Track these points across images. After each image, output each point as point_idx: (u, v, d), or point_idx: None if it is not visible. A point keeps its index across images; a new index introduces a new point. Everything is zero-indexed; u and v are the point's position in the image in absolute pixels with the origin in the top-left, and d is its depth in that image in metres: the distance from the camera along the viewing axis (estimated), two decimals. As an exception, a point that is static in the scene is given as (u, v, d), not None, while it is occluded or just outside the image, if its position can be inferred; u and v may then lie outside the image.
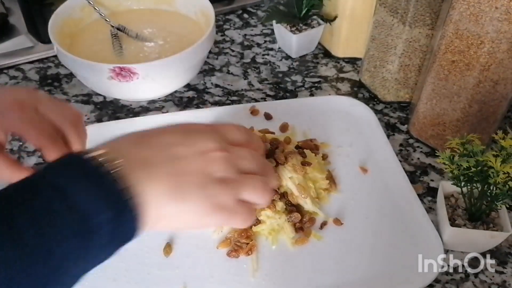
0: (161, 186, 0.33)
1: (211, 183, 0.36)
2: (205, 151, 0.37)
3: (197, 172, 0.36)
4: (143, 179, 0.32)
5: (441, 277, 0.50)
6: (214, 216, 0.36)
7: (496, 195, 0.47)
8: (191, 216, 0.35)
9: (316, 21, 0.76)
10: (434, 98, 0.58)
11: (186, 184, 0.35)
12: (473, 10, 0.49)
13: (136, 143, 0.36)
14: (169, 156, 0.35)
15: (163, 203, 0.33)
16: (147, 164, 0.33)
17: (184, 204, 0.34)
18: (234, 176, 0.37)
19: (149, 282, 0.48)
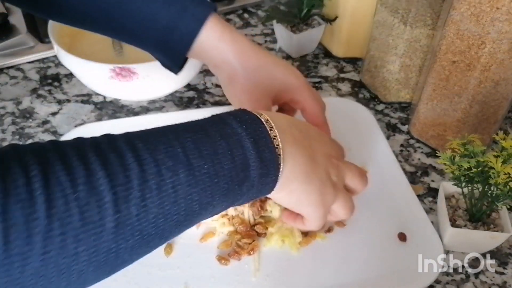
0: (298, 166, 0.38)
1: (328, 182, 0.41)
2: (330, 155, 0.43)
3: (323, 168, 0.41)
4: (288, 154, 0.37)
5: (441, 277, 0.50)
6: (317, 209, 0.42)
7: (496, 195, 0.47)
8: (305, 199, 0.41)
9: (316, 21, 0.76)
10: (434, 98, 0.58)
11: (314, 173, 0.40)
12: (474, 11, 0.49)
13: (290, 123, 0.40)
14: (309, 144, 0.41)
15: (293, 178, 0.38)
16: (296, 142, 0.39)
17: (307, 186, 0.40)
18: (340, 185, 0.43)
19: (150, 282, 0.48)
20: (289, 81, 0.49)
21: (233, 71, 0.48)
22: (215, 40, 0.47)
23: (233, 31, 0.48)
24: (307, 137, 0.41)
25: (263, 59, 0.48)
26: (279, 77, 0.48)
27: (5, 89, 0.70)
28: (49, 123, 0.66)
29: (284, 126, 0.38)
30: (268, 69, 0.48)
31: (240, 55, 0.47)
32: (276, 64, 0.49)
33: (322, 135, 0.45)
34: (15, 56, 0.74)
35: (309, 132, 0.42)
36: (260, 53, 0.48)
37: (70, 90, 0.71)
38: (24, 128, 0.65)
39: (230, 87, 0.49)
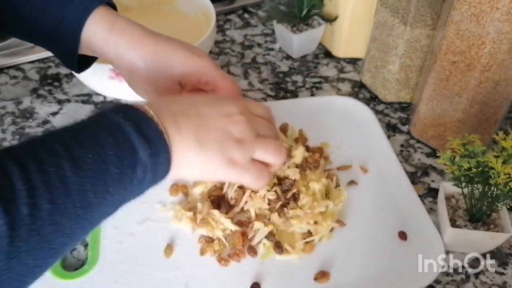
0: (186, 137, 0.38)
1: (229, 141, 0.41)
2: (228, 114, 0.42)
3: (219, 129, 0.40)
4: (171, 128, 0.37)
5: (441, 278, 0.50)
6: (228, 171, 0.41)
7: (497, 196, 0.47)
8: (208, 166, 0.40)
9: (317, 21, 0.76)
10: (435, 98, 0.58)
11: (207, 138, 0.40)
12: (474, 11, 0.49)
13: (169, 101, 0.41)
14: (195, 113, 0.40)
15: (186, 151, 0.38)
16: (176, 117, 0.38)
17: (204, 154, 0.39)
18: (250, 138, 0.42)
19: (150, 283, 0.48)
20: (191, 63, 0.47)
21: (131, 64, 0.46)
22: (103, 33, 0.45)
23: (125, 23, 0.46)
24: (192, 106, 0.41)
25: (160, 45, 0.47)
26: (180, 60, 0.47)
27: (5, 89, 0.70)
28: (49, 123, 0.66)
29: (160, 106, 0.38)
30: (166, 54, 0.47)
31: (133, 45, 0.46)
32: (176, 48, 0.47)
33: (216, 98, 0.44)
34: (16, 56, 0.74)
35: (193, 101, 0.42)
36: (157, 40, 0.47)
37: (70, 90, 0.71)
38: (24, 128, 0.65)
39: (132, 80, 0.48)
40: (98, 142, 0.33)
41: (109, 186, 0.33)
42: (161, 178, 0.37)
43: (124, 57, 0.46)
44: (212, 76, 0.48)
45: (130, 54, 0.46)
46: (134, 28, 0.47)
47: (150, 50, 0.46)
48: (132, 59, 0.46)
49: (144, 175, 0.35)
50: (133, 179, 0.34)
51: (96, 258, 0.49)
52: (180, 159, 0.37)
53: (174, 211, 0.53)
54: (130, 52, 0.46)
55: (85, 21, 0.45)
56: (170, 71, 0.46)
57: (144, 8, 0.76)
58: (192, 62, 0.47)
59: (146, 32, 0.47)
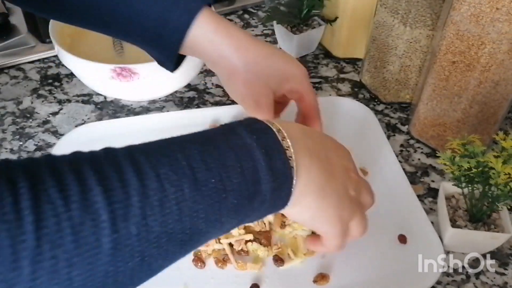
0: (313, 179, 0.36)
1: (346, 196, 0.38)
2: (348, 169, 0.40)
3: (340, 181, 0.38)
4: (302, 167, 0.35)
5: (441, 278, 0.50)
6: (334, 226, 0.38)
7: (497, 196, 0.47)
8: (320, 215, 0.38)
9: (316, 21, 0.76)
10: (434, 98, 0.58)
11: (331, 187, 0.37)
12: (474, 11, 0.49)
13: (305, 134, 0.38)
14: (325, 156, 0.38)
15: (307, 193, 0.36)
16: (311, 155, 0.36)
17: (322, 201, 0.37)
18: (357, 201, 0.40)
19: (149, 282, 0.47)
20: (290, 71, 0.48)
21: (232, 66, 0.46)
22: (209, 34, 0.45)
23: (228, 25, 0.46)
24: (323, 148, 0.38)
25: (261, 50, 0.47)
26: (279, 67, 0.47)
27: (6, 89, 0.70)
28: (49, 123, 0.66)
29: (297, 136, 0.36)
30: (268, 60, 0.47)
31: (237, 48, 0.46)
32: (275, 54, 0.48)
33: (339, 147, 0.42)
34: (16, 56, 0.74)
35: (325, 143, 0.40)
36: (259, 45, 0.47)
37: (70, 90, 0.71)
38: (24, 128, 0.65)
39: (231, 82, 0.48)
40: (225, 166, 0.31)
41: (222, 216, 0.31)
42: (274, 211, 0.35)
43: (227, 58, 0.46)
44: (304, 87, 0.48)
45: (233, 56, 0.46)
46: (237, 31, 0.46)
47: (252, 54, 0.46)
48: (234, 62, 0.46)
49: (260, 207, 0.33)
50: (248, 210, 0.32)
51: (95, 257, 0.49)
52: (299, 198, 0.35)
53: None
54: (233, 54, 0.46)
55: (192, 23, 0.45)
56: (269, 76, 0.47)
57: (144, 9, 0.76)
58: (290, 70, 0.48)
59: (249, 37, 0.47)
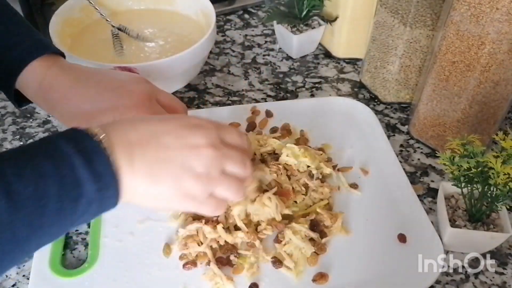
0: (137, 170, 0.37)
1: (187, 176, 0.39)
2: (194, 145, 0.39)
3: (177, 163, 0.39)
4: (123, 161, 0.36)
5: (441, 278, 0.50)
6: (182, 204, 0.40)
7: (496, 196, 0.47)
8: (161, 199, 0.39)
9: (316, 21, 0.76)
10: (434, 99, 0.58)
11: (162, 172, 0.38)
12: (474, 11, 0.49)
13: (130, 127, 0.39)
14: (155, 144, 0.38)
15: (137, 184, 0.37)
16: (131, 148, 0.37)
17: (156, 188, 0.38)
18: (213, 174, 0.40)
19: (149, 282, 0.48)
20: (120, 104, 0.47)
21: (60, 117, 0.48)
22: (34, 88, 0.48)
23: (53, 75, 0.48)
24: (154, 135, 0.38)
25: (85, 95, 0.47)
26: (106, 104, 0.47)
27: (6, 89, 0.70)
28: (49, 123, 0.66)
29: (118, 132, 0.37)
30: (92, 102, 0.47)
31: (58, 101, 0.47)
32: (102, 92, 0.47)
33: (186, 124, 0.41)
34: (16, 56, 0.74)
35: (160, 129, 0.39)
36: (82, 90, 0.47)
37: (70, 90, 0.71)
38: (24, 128, 0.65)
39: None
40: (41, 175, 0.32)
41: (45, 221, 0.32)
42: (108, 209, 0.36)
43: (54, 111, 0.48)
44: (144, 114, 0.47)
45: (56, 110, 0.48)
46: (61, 82, 0.47)
47: (76, 104, 0.47)
48: (61, 114, 0.48)
49: (88, 208, 0.34)
50: (75, 212, 0.34)
51: (96, 256, 0.49)
52: (130, 191, 0.36)
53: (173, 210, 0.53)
54: (56, 107, 0.48)
55: (18, 76, 0.47)
56: (100, 117, 0.46)
57: (144, 8, 0.76)
58: (120, 104, 0.47)
59: (74, 83, 0.47)
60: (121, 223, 0.52)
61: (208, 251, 0.49)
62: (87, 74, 0.49)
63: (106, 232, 0.52)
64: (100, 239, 0.51)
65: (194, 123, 0.41)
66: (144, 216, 0.53)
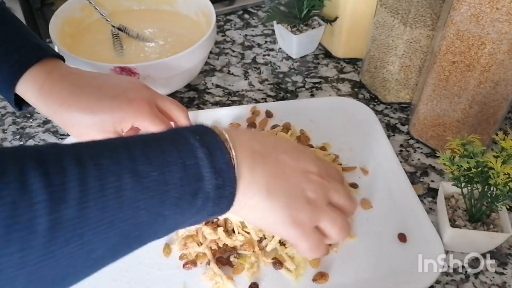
0: (257, 179, 0.36)
1: (300, 199, 0.38)
2: (306, 171, 0.39)
3: (293, 183, 0.38)
4: (245, 167, 0.35)
5: (441, 278, 0.50)
6: (288, 228, 0.37)
7: (496, 196, 0.47)
8: (269, 217, 0.37)
9: (316, 21, 0.76)
10: (434, 99, 0.58)
11: (278, 188, 0.37)
12: (474, 11, 0.49)
13: (253, 136, 0.39)
14: (274, 159, 0.38)
15: (253, 193, 0.36)
16: (254, 157, 0.36)
17: (269, 203, 0.36)
18: (321, 203, 0.39)
19: (149, 282, 0.48)
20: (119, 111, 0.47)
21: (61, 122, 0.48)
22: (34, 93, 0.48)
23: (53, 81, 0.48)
24: (273, 150, 0.39)
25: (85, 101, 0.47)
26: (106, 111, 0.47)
27: (6, 89, 0.70)
28: (49, 123, 0.66)
29: (241, 138, 0.37)
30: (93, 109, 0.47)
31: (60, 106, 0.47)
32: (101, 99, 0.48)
33: (300, 150, 0.41)
34: (16, 56, 0.74)
35: (277, 146, 0.40)
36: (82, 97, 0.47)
37: (70, 90, 0.71)
38: (24, 128, 0.65)
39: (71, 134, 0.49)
40: (167, 162, 0.32)
41: (164, 209, 0.31)
42: (221, 212, 0.35)
43: (54, 116, 0.48)
44: (144, 121, 0.48)
45: (57, 115, 0.48)
46: (61, 87, 0.48)
47: (76, 109, 0.47)
48: (62, 119, 0.48)
49: (205, 206, 0.33)
50: (192, 207, 0.33)
51: (95, 257, 0.49)
52: (244, 199, 0.35)
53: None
54: (56, 112, 0.48)
55: (18, 80, 0.47)
56: (100, 124, 0.47)
57: (144, 9, 0.76)
58: (119, 111, 0.47)
59: (74, 89, 0.48)
60: (121, 223, 0.52)
61: (207, 252, 0.49)
62: (87, 79, 0.49)
63: (106, 232, 0.51)
64: (100, 239, 0.51)
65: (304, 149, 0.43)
66: (144, 216, 0.53)
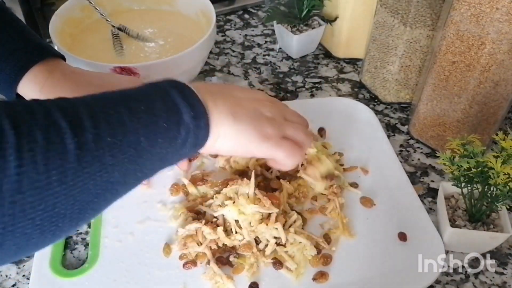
0: (221, 109, 0.42)
1: (261, 117, 0.45)
2: (259, 99, 0.47)
3: (251, 108, 0.45)
4: (209, 101, 0.41)
5: (441, 277, 0.50)
6: (260, 144, 0.44)
7: (496, 196, 0.47)
8: (241, 138, 0.44)
9: (316, 21, 0.76)
10: (434, 99, 0.58)
11: (240, 113, 0.44)
12: (474, 11, 0.49)
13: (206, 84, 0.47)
14: (230, 95, 0.45)
15: (221, 121, 0.42)
16: (213, 95, 0.43)
17: (237, 125, 0.43)
18: (280, 118, 0.47)
19: (149, 282, 0.48)
20: None
21: None
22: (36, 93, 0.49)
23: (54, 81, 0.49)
24: (226, 90, 0.45)
25: None
26: None
27: (6, 89, 0.70)
28: (49, 123, 0.66)
29: (198, 85, 0.42)
30: None
31: None
32: None
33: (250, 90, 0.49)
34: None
35: (233, 88, 0.48)
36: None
37: (70, 90, 0.71)
38: (24, 128, 0.65)
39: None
40: (150, 100, 0.37)
41: (158, 137, 0.36)
42: (201, 142, 0.40)
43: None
44: None
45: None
46: (63, 86, 0.49)
47: None
48: None
49: (187, 136, 0.38)
50: (178, 138, 0.37)
51: (96, 256, 0.49)
52: (216, 128, 0.41)
53: (174, 210, 0.53)
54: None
55: (20, 80, 0.48)
56: None
57: (144, 8, 0.76)
58: None
59: (76, 88, 0.49)
60: (121, 224, 0.52)
61: (207, 252, 0.49)
62: (88, 78, 0.50)
63: (106, 232, 0.52)
64: (101, 239, 0.51)
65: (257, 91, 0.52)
66: (144, 217, 0.53)
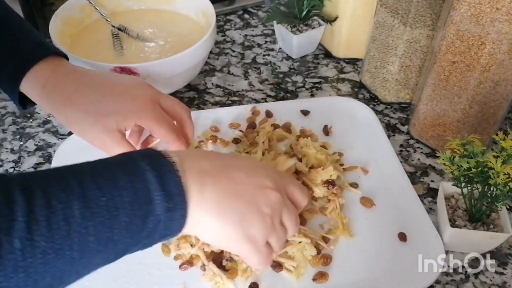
0: (207, 200, 0.36)
1: (254, 214, 0.38)
2: (263, 186, 0.40)
3: (246, 199, 0.38)
4: (194, 188, 0.36)
5: (441, 277, 0.50)
6: (241, 244, 0.39)
7: (496, 196, 0.47)
8: (222, 235, 0.38)
9: (316, 21, 0.76)
10: (434, 99, 0.58)
11: (228, 208, 0.38)
12: (474, 11, 0.49)
13: (202, 156, 0.39)
14: (226, 177, 0.38)
15: (204, 214, 0.36)
16: (203, 177, 0.37)
17: (221, 221, 0.37)
18: (275, 218, 0.40)
19: (149, 282, 0.48)
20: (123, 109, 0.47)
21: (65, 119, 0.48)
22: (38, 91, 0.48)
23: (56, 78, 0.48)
24: (225, 168, 0.39)
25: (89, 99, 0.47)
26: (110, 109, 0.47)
27: (6, 89, 0.70)
28: (49, 123, 0.66)
29: (190, 159, 0.37)
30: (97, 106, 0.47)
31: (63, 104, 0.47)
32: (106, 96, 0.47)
33: (254, 164, 0.42)
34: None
35: (231, 163, 0.40)
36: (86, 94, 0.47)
37: (70, 90, 0.71)
38: (24, 128, 0.65)
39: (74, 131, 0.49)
40: (116, 186, 0.32)
41: (114, 234, 0.32)
42: (173, 234, 0.36)
43: (58, 113, 0.48)
44: (147, 119, 0.48)
45: (60, 112, 0.48)
46: (65, 84, 0.48)
47: (80, 107, 0.47)
48: (65, 116, 0.48)
49: (156, 228, 0.34)
50: (143, 230, 0.33)
51: (95, 257, 0.49)
52: (196, 219, 0.36)
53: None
54: (60, 110, 0.48)
55: (22, 78, 0.47)
56: (103, 121, 0.47)
57: (144, 9, 0.76)
58: (123, 108, 0.47)
59: (78, 86, 0.48)
60: (121, 223, 0.52)
61: (200, 253, 0.49)
62: (90, 77, 0.49)
63: (106, 232, 0.51)
64: (100, 239, 0.51)
65: (261, 165, 0.43)
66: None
